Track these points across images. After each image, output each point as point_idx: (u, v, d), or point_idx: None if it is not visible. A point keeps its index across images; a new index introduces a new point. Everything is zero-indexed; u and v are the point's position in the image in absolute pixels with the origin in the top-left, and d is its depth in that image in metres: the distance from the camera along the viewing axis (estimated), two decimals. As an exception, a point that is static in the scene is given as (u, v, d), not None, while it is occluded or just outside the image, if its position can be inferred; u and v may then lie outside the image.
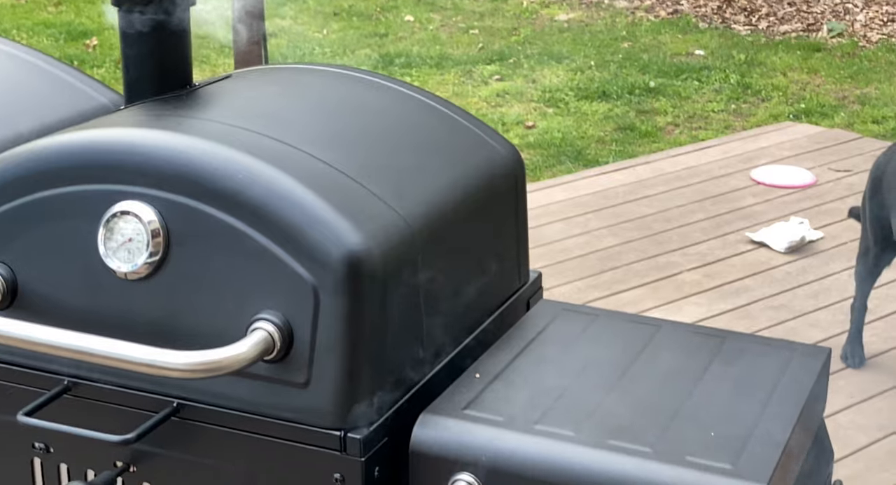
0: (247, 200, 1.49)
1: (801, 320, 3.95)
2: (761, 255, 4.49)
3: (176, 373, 1.42)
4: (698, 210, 4.92)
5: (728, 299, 4.12)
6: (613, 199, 5.06)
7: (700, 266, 4.40)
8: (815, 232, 4.58)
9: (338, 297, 1.46)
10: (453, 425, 1.51)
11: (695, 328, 1.80)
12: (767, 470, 1.39)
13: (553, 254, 4.50)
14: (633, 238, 4.65)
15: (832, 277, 4.28)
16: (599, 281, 4.28)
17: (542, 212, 4.91)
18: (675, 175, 5.31)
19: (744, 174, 5.28)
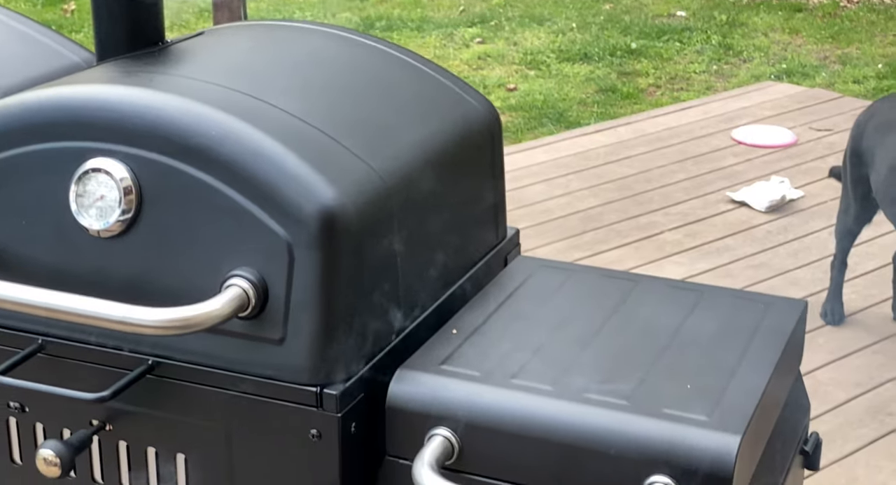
0: (220, 157, 1.47)
1: (781, 279, 3.96)
2: (742, 214, 4.50)
3: (149, 330, 1.41)
4: (679, 170, 4.92)
5: (709, 258, 4.13)
6: (595, 160, 5.06)
7: (681, 226, 4.41)
8: (795, 191, 4.59)
9: (312, 253, 1.45)
10: (430, 380, 1.51)
11: (672, 283, 1.80)
12: (742, 422, 1.40)
13: (534, 215, 4.50)
14: (614, 199, 4.66)
15: (812, 236, 4.29)
16: (581, 241, 4.28)
17: (524, 173, 4.90)
18: (656, 136, 5.31)
19: (725, 134, 5.28)
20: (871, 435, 3.14)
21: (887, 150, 3.40)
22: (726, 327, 1.63)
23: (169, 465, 1.57)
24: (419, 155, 1.67)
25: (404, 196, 1.59)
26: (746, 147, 5.13)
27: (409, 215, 1.60)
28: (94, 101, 1.54)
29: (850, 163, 3.58)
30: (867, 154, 3.48)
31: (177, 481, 1.57)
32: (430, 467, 1.41)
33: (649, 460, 1.37)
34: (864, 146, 3.50)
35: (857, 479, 2.96)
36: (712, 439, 1.36)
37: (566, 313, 1.68)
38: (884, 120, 3.50)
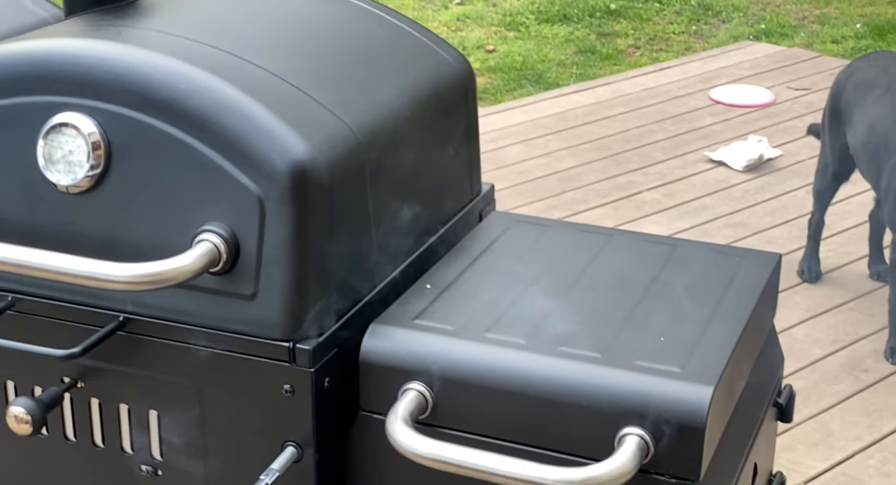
0: (189, 111, 1.46)
1: (758, 237, 3.97)
2: (720, 173, 4.50)
3: (119, 285, 1.40)
4: (658, 130, 4.92)
5: (687, 218, 4.14)
6: (573, 120, 5.05)
7: (659, 185, 4.41)
8: (773, 150, 4.60)
9: (284, 207, 1.44)
10: (403, 334, 1.50)
11: (646, 236, 1.80)
12: (715, 373, 1.40)
13: (513, 175, 4.49)
14: (593, 159, 4.66)
15: (790, 195, 4.30)
16: (560, 201, 4.28)
17: (502, 134, 4.89)
18: (634, 96, 5.30)
19: (703, 94, 5.28)
20: (846, 391, 3.17)
21: (866, 108, 3.40)
22: (700, 280, 1.63)
23: (142, 421, 1.57)
24: (392, 109, 1.65)
25: (377, 151, 1.58)
26: (724, 107, 5.13)
27: (382, 170, 1.59)
28: (61, 56, 1.52)
29: (828, 121, 3.58)
30: (846, 113, 3.48)
31: (150, 437, 1.57)
32: (403, 422, 1.41)
33: (622, 412, 1.37)
34: (843, 105, 3.50)
35: (833, 434, 2.99)
36: (685, 390, 1.37)
37: (540, 268, 1.67)
38: (862, 78, 3.50)
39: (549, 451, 1.42)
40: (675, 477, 1.37)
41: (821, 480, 2.81)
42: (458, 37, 6.58)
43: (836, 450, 2.93)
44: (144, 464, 1.58)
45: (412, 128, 1.69)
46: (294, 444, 1.49)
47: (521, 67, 6.08)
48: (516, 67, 6.07)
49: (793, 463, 2.85)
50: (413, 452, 1.37)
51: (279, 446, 1.49)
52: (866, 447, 2.94)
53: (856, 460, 2.89)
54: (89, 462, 1.61)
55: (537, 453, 1.42)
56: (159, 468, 1.57)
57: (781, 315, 3.41)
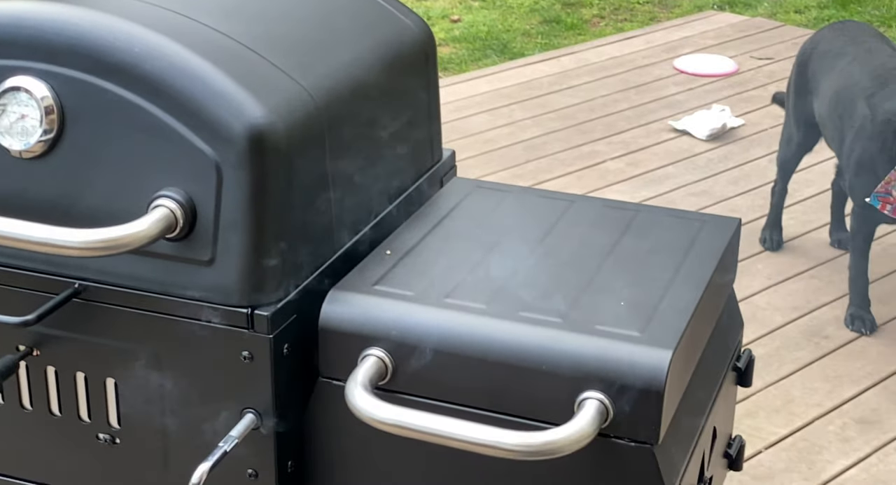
0: (144, 74, 1.43)
1: (721, 206, 3.98)
2: (683, 142, 4.51)
3: (74, 251, 1.38)
4: (622, 100, 4.91)
5: (651, 186, 4.14)
6: (538, 89, 5.03)
7: (623, 155, 4.41)
8: (736, 119, 4.60)
9: (241, 172, 1.42)
10: (363, 300, 1.49)
11: (608, 202, 1.79)
12: (674, 337, 1.40)
13: (478, 145, 4.47)
14: (557, 128, 4.64)
15: (752, 164, 4.31)
16: (524, 171, 4.27)
17: (467, 103, 4.87)
18: (599, 65, 5.29)
19: (667, 63, 5.27)
20: (807, 358, 3.18)
21: (832, 77, 3.40)
22: (660, 245, 1.63)
23: (99, 389, 1.55)
24: (351, 74, 1.64)
25: (336, 115, 1.56)
26: (688, 76, 5.13)
27: (340, 135, 1.57)
28: (12, 18, 1.49)
29: (794, 91, 3.58)
30: (812, 82, 3.48)
31: (107, 405, 1.55)
32: (362, 387, 1.40)
33: (582, 377, 1.37)
34: (810, 74, 3.50)
35: (793, 400, 3.00)
36: (644, 354, 1.37)
37: (501, 233, 1.67)
38: (828, 48, 3.49)
39: (509, 416, 1.42)
40: (633, 441, 1.37)
41: (781, 445, 2.83)
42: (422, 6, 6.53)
43: (796, 416, 2.94)
44: (102, 432, 1.57)
45: (371, 92, 1.67)
46: (253, 411, 1.48)
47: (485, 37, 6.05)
48: (481, 37, 6.04)
49: (754, 429, 2.86)
50: (372, 417, 1.37)
51: (238, 413, 1.48)
52: (826, 413, 2.96)
53: (816, 425, 2.91)
54: (46, 431, 1.59)
55: (498, 418, 1.42)
56: (117, 436, 1.56)
57: (743, 283, 3.43)
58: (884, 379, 3.10)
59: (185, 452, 1.53)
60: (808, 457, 2.79)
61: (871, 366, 3.15)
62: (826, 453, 2.81)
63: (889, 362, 3.16)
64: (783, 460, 2.78)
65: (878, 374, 3.12)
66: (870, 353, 3.21)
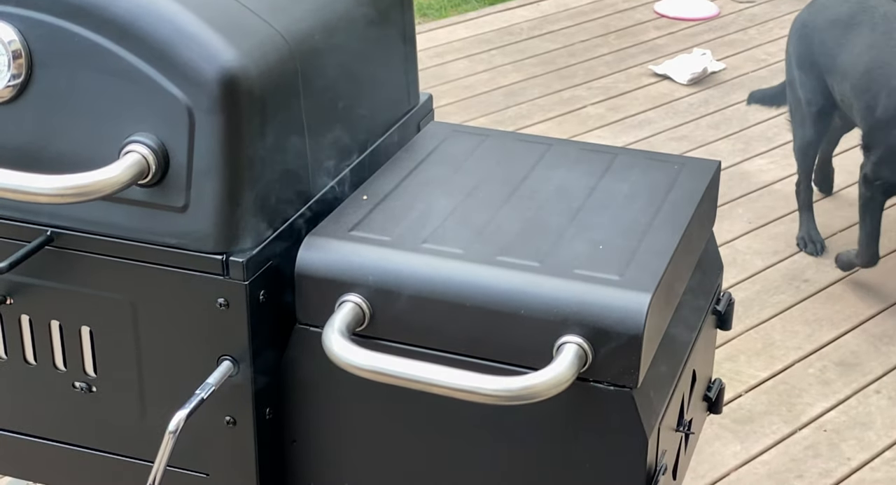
0: (113, 17, 1.40)
1: (702, 150, 3.98)
2: (664, 87, 4.49)
3: (44, 198, 1.36)
4: (602, 44, 4.88)
5: (631, 132, 4.13)
6: (518, 35, 4.99)
7: (604, 100, 4.39)
8: (717, 63, 4.58)
9: (214, 117, 1.40)
10: (339, 246, 1.48)
11: (586, 145, 1.78)
12: (653, 280, 1.39)
13: (457, 91, 4.45)
14: (537, 73, 4.62)
15: (733, 108, 4.30)
16: (504, 117, 4.25)
17: (446, 49, 4.83)
18: (578, 10, 5.25)
19: (647, 8, 5.24)
20: (787, 301, 3.20)
21: (852, 52, 3.09)
22: (639, 188, 1.61)
23: (74, 338, 1.54)
24: (325, 16, 1.61)
25: (309, 58, 1.54)
26: (669, 20, 5.10)
27: (314, 79, 1.55)
28: (-24, -40, 1.45)
29: (799, 71, 3.26)
30: (822, 57, 3.18)
31: (83, 354, 1.54)
32: (339, 333, 1.39)
33: (561, 321, 1.36)
34: (818, 50, 3.19)
35: (774, 343, 3.02)
36: (623, 297, 1.36)
37: (479, 177, 1.65)
38: (834, 18, 3.19)
39: (488, 361, 1.41)
40: (613, 384, 1.37)
41: (762, 388, 2.85)
42: (400, -50, 6.46)
43: (776, 359, 2.96)
44: (78, 381, 1.55)
45: (345, 35, 1.64)
46: (230, 358, 1.47)
47: (465, -18, 5.99)
48: (460, -18, 5.98)
49: (734, 372, 2.88)
50: (350, 363, 1.36)
51: (215, 360, 1.47)
52: (806, 356, 2.98)
53: (796, 368, 2.93)
54: (21, 380, 1.58)
55: (476, 363, 1.41)
56: (93, 385, 1.55)
57: (724, 227, 3.43)
58: (863, 322, 3.12)
59: (162, 400, 1.52)
60: (788, 400, 2.81)
61: (851, 309, 3.17)
62: (806, 396, 2.83)
63: (869, 306, 3.18)
64: (763, 402, 2.80)
65: (858, 317, 3.14)
66: (849, 296, 3.22)
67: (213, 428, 1.50)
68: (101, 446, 1.58)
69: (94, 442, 1.59)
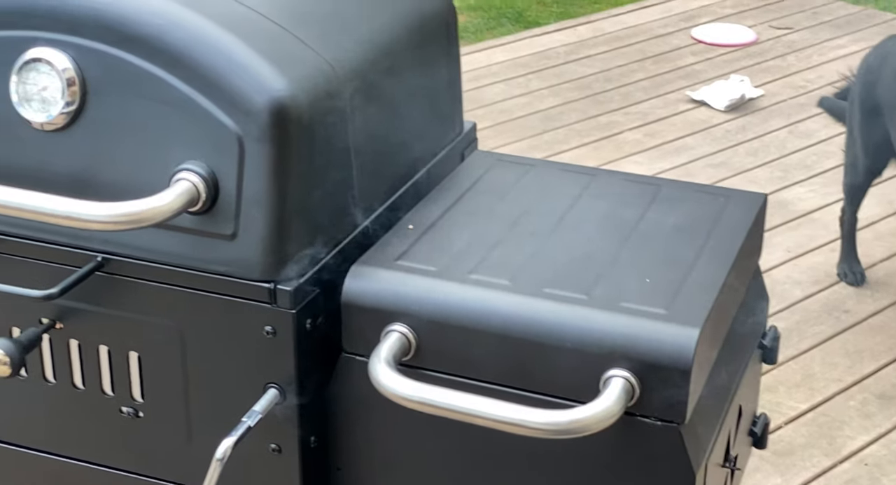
0: (166, 46, 1.42)
1: (740, 178, 3.96)
2: (702, 113, 4.48)
3: (97, 225, 1.37)
4: (639, 70, 4.88)
5: (668, 158, 4.12)
6: (554, 59, 5.00)
7: (641, 125, 4.39)
8: (755, 90, 4.57)
9: (263, 145, 1.41)
10: (386, 275, 1.48)
11: (630, 176, 1.78)
12: (701, 315, 1.38)
13: (494, 115, 4.45)
14: (573, 98, 4.62)
15: (771, 135, 4.29)
16: (541, 141, 4.25)
17: (483, 73, 4.84)
18: (615, 35, 5.26)
19: (685, 33, 5.23)
20: (827, 332, 3.17)
21: None
22: (685, 221, 1.61)
23: (122, 363, 1.55)
24: (372, 46, 1.62)
25: (357, 88, 1.55)
26: (706, 46, 5.09)
27: (362, 108, 1.56)
28: (34, -11, 1.47)
29: (860, 113, 3.22)
30: (885, 104, 3.11)
31: (130, 379, 1.55)
32: (386, 364, 1.39)
33: (608, 354, 1.36)
34: (880, 94, 3.13)
35: (814, 375, 3.00)
36: (671, 332, 1.35)
37: (523, 208, 1.65)
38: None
39: (533, 393, 1.41)
40: (660, 420, 1.36)
41: (802, 420, 2.83)
42: (437, -26, 6.49)
43: (816, 391, 2.94)
44: (125, 406, 1.56)
45: (393, 65, 1.65)
46: (276, 386, 1.47)
47: (500, 6, 6.01)
48: (496, 6, 6.00)
49: (774, 404, 2.86)
50: (396, 394, 1.36)
51: (261, 387, 1.47)
52: (847, 388, 2.95)
53: (836, 400, 2.91)
54: (69, 404, 1.59)
55: (522, 395, 1.41)
56: (140, 410, 1.56)
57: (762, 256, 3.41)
58: (904, 354, 3.09)
59: (208, 426, 1.52)
60: (829, 432, 2.79)
61: (892, 340, 3.14)
62: (847, 429, 2.81)
63: (910, 337, 3.15)
64: (803, 435, 2.78)
65: (898, 349, 3.11)
66: (890, 328, 3.19)
67: (258, 455, 1.51)
68: (147, 472, 1.59)
69: (139, 467, 1.59)
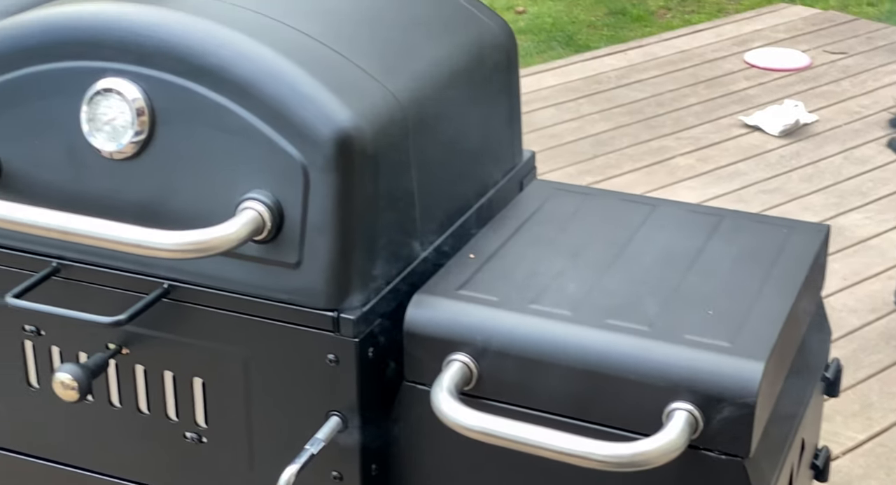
0: (233, 77, 1.44)
1: (794, 204, 3.93)
2: (755, 138, 4.45)
3: (165, 253, 1.39)
4: (691, 94, 4.86)
5: (721, 183, 4.09)
6: (605, 83, 4.99)
7: (693, 150, 4.36)
8: (809, 115, 4.53)
9: (328, 175, 1.43)
10: (448, 304, 1.49)
11: (691, 207, 1.77)
12: (766, 348, 1.38)
13: (545, 139, 4.45)
14: (625, 123, 4.61)
15: (826, 161, 4.25)
16: (592, 166, 4.24)
17: (534, 97, 4.84)
18: (667, 59, 5.24)
19: (737, 57, 5.21)
20: (885, 361, 3.13)
21: None
22: (748, 252, 1.60)
23: (186, 388, 1.56)
24: (435, 76, 1.63)
25: (420, 118, 1.56)
26: (759, 70, 5.06)
27: (424, 137, 1.57)
28: (105, 20, 1.50)
29: None
30: None
31: (194, 404, 1.57)
32: (448, 393, 1.40)
33: (671, 387, 1.36)
34: None
35: (872, 405, 2.96)
36: (735, 365, 1.35)
37: (584, 237, 1.66)
38: None
39: (595, 424, 1.41)
40: (724, 453, 1.36)
41: (859, 451, 2.79)
42: (488, -3, 6.51)
43: (874, 421, 2.90)
44: (189, 431, 1.58)
45: (454, 95, 1.67)
46: (339, 414, 1.48)
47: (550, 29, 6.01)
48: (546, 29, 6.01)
49: (831, 434, 2.82)
50: (459, 424, 1.36)
51: (324, 415, 1.49)
52: (904, 418, 2.91)
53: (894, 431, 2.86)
54: (134, 428, 1.61)
55: (583, 426, 1.41)
56: (204, 436, 1.57)
57: (818, 283, 3.37)
58: (963, 384, 3.04)
59: (270, 452, 1.54)
60: (887, 463, 2.75)
61: (950, 370, 3.09)
62: (904, 460, 2.77)
63: (968, 367, 3.10)
64: (861, 465, 2.74)
65: (957, 378, 3.06)
66: (949, 356, 3.15)
67: (320, 483, 1.52)
68: (209, 497, 1.61)
69: (201, 492, 1.61)
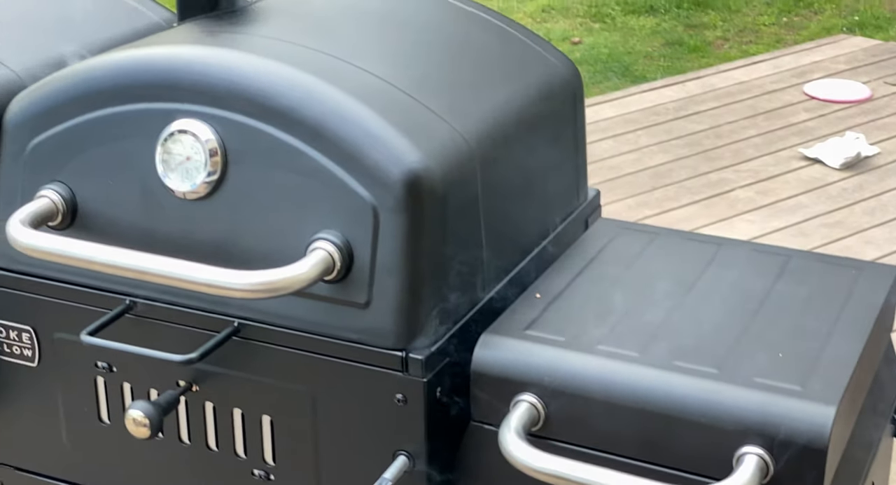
0: (304, 118, 1.46)
1: (856, 238, 3.89)
2: (816, 171, 4.42)
3: (237, 293, 1.41)
4: (750, 126, 4.84)
5: (782, 216, 4.07)
6: (663, 115, 4.99)
7: (753, 183, 4.34)
8: (871, 147, 4.50)
9: (398, 216, 1.44)
10: (515, 345, 1.49)
11: (757, 246, 1.77)
12: (838, 392, 1.37)
13: (603, 171, 4.45)
14: (683, 155, 4.60)
15: (889, 194, 4.21)
16: (651, 198, 4.24)
17: (592, 129, 4.85)
18: (725, 91, 5.23)
19: (797, 89, 5.18)
20: (949, 398, 3.09)
21: None
22: (817, 293, 1.59)
23: (255, 426, 1.58)
24: (502, 116, 1.64)
25: (487, 158, 1.57)
26: (819, 102, 5.03)
27: (492, 178, 1.58)
28: (179, 63, 1.53)
29: None
30: None
31: (262, 442, 1.58)
32: (516, 433, 1.40)
33: (742, 431, 1.35)
34: None
35: (935, 443, 2.92)
36: (807, 410, 1.34)
37: (650, 277, 1.65)
38: None
39: (664, 467, 1.40)
40: (795, 498, 1.35)
41: (923, 491, 2.75)
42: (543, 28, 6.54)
43: (939, 460, 2.85)
44: (257, 468, 1.59)
45: (522, 135, 1.68)
46: (406, 453, 1.49)
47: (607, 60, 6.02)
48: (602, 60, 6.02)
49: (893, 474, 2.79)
50: (528, 465, 1.37)
51: (391, 455, 1.49)
52: (970, 458, 2.86)
53: (959, 471, 2.82)
54: (203, 465, 1.63)
55: (652, 469, 1.40)
56: (272, 473, 1.59)
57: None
58: None
59: (337, 491, 1.55)
60: (955, 505, 2.70)
61: None
62: (972, 502, 2.72)
63: None
64: (927, 507, 2.70)
65: None
66: None
67: (387, 522, 1.52)
68: (276, 534, 1.62)
69: (268, 529, 1.62)
